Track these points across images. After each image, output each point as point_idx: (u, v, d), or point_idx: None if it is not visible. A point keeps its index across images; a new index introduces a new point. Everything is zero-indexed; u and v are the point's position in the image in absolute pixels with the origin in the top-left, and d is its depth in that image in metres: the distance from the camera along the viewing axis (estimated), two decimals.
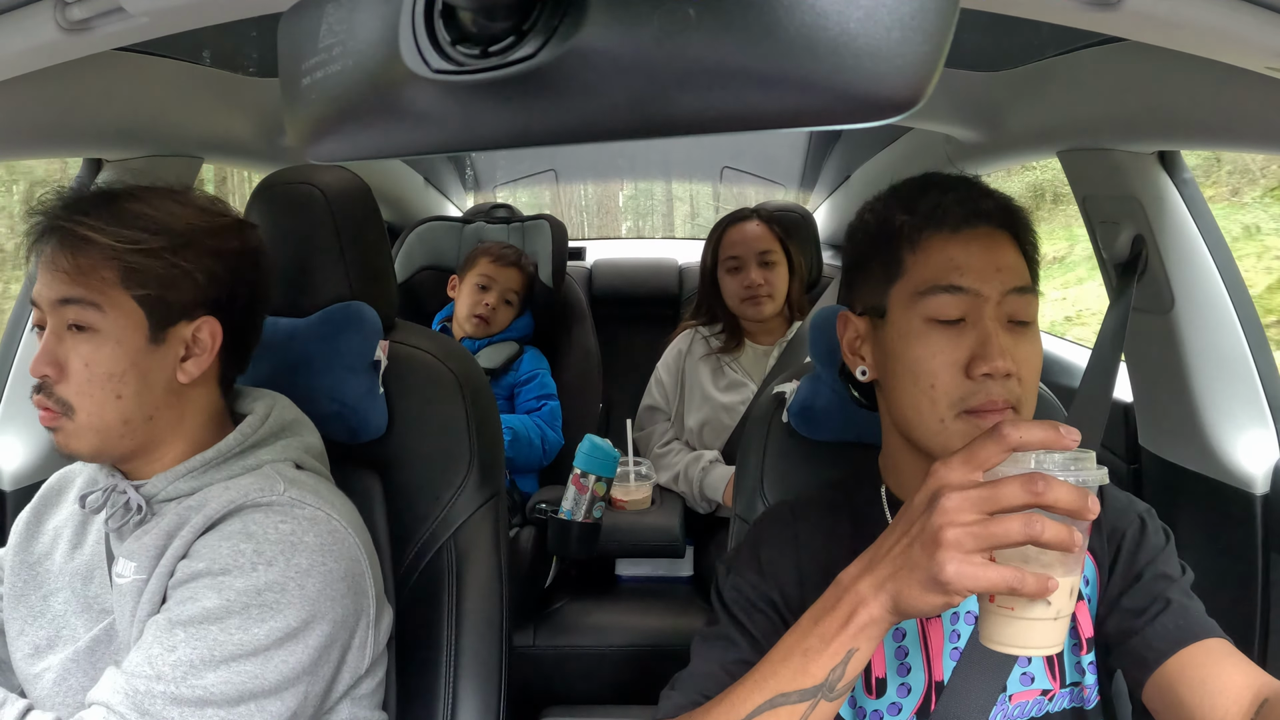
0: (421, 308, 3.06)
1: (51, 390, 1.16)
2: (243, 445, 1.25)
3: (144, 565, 1.16)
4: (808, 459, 1.51)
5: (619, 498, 2.59)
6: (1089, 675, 1.15)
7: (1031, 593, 0.82)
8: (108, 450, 1.20)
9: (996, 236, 1.12)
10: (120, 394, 1.18)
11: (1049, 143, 1.90)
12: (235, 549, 1.13)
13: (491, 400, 1.60)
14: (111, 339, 1.17)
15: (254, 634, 1.10)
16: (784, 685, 0.95)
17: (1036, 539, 0.81)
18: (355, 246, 1.51)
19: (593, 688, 2.38)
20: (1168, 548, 1.18)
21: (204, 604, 1.10)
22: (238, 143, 2.10)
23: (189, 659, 1.07)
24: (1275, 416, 1.79)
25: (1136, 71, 1.43)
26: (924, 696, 1.13)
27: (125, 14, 0.88)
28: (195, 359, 1.24)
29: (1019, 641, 0.88)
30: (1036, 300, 1.14)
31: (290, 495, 1.21)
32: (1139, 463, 2.08)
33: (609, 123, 0.45)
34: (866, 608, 0.91)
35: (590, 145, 0.46)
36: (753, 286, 2.74)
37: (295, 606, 1.13)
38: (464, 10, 0.48)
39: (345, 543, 1.22)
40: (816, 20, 0.40)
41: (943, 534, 0.84)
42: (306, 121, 0.58)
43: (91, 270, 1.16)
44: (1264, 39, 0.80)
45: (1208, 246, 1.75)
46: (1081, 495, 0.82)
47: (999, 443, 0.86)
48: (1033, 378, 1.10)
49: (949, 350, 1.08)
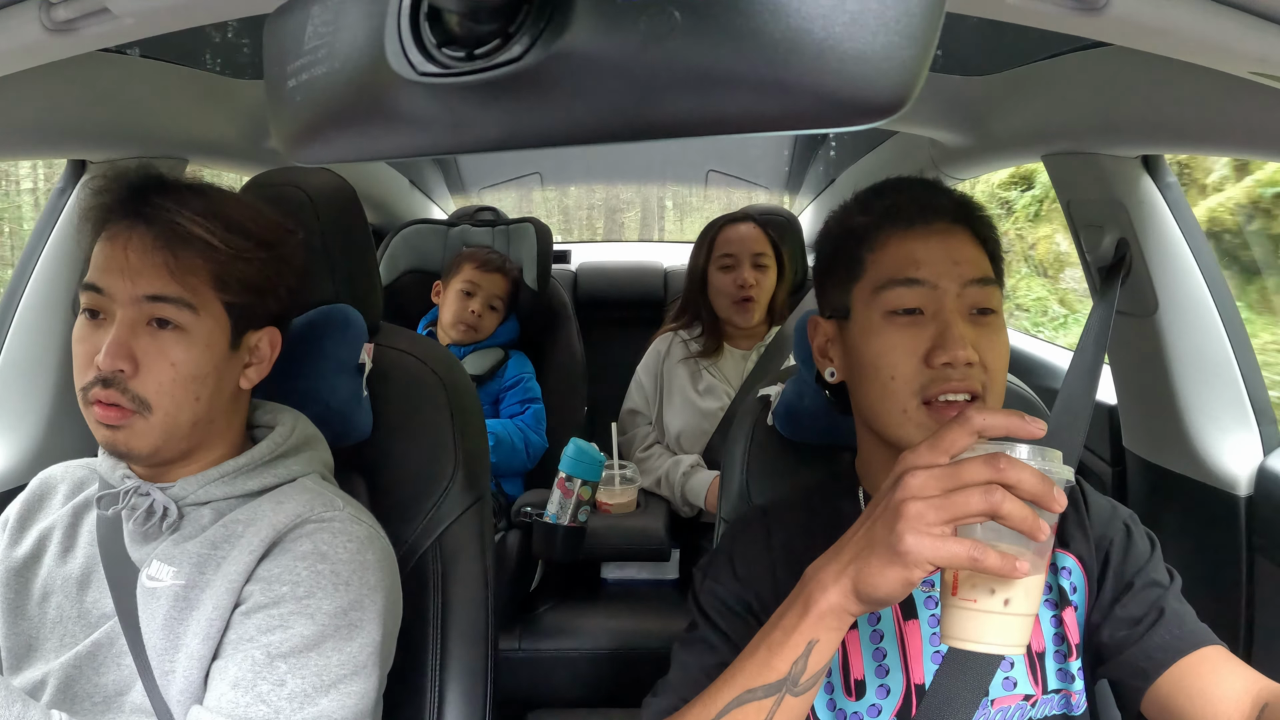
0: (406, 311, 3.05)
1: (125, 386, 1.13)
2: (272, 455, 1.26)
3: (184, 571, 1.16)
4: (793, 461, 1.51)
5: (604, 501, 2.59)
6: (1078, 681, 1.15)
7: (994, 567, 0.81)
8: (164, 451, 1.19)
9: (953, 231, 1.14)
10: (199, 396, 1.18)
11: (1034, 147, 1.91)
12: (313, 570, 1.14)
13: (476, 404, 1.60)
14: (201, 341, 1.17)
15: (348, 653, 1.13)
16: (749, 681, 0.96)
17: (996, 509, 0.82)
18: (340, 249, 1.50)
19: (578, 691, 2.39)
20: (1155, 554, 1.19)
21: (298, 631, 1.11)
22: (223, 144, 2.09)
23: (302, 690, 1.09)
24: (1258, 418, 1.80)
25: (1121, 76, 1.44)
26: (903, 699, 1.13)
27: (110, 15, 0.88)
28: (256, 367, 1.26)
29: (979, 636, 0.87)
30: (999, 291, 1.16)
31: (349, 511, 1.23)
32: (1123, 465, 2.09)
33: (595, 125, 0.45)
34: (826, 595, 0.91)
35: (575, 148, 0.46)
36: (745, 286, 2.75)
37: (373, 622, 1.17)
38: (450, 12, 0.48)
39: (391, 556, 1.26)
40: (802, 24, 0.40)
41: (904, 507, 0.85)
42: (292, 123, 0.57)
43: (192, 269, 1.15)
44: (1248, 44, 0.80)
45: (1191, 250, 1.76)
46: (1046, 482, 0.83)
47: (964, 426, 0.87)
48: (998, 366, 1.12)
49: (909, 342, 1.11)
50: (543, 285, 3.08)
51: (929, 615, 1.16)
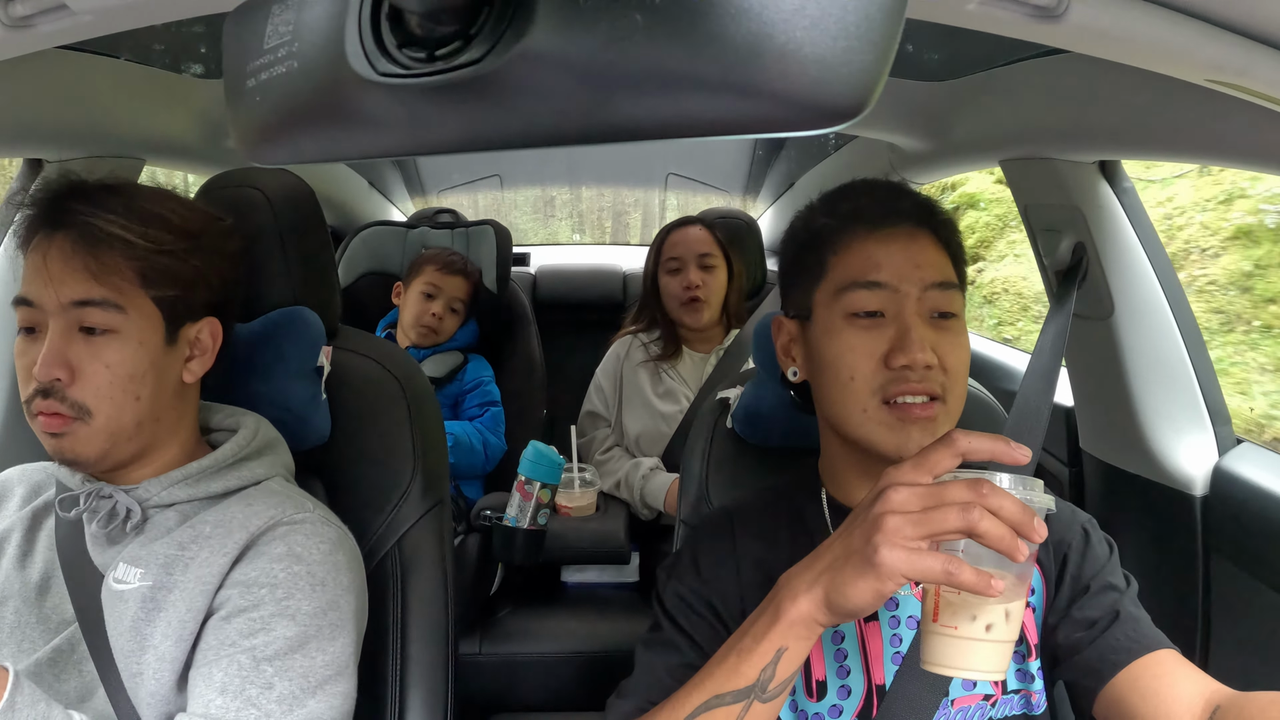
0: (364, 314, 3.02)
1: (64, 394, 1.12)
2: (236, 457, 1.25)
3: (152, 572, 1.15)
4: (753, 464, 1.52)
5: (564, 504, 2.59)
6: (1037, 681, 1.16)
7: (968, 582, 0.81)
8: (113, 455, 1.17)
9: (915, 234, 1.15)
10: (139, 395, 1.17)
11: (992, 152, 1.93)
12: (289, 571, 1.14)
13: (436, 408, 1.59)
14: (134, 340, 1.16)
15: (331, 654, 1.13)
16: (718, 686, 0.96)
17: (974, 527, 0.82)
18: (299, 251, 1.49)
19: (540, 695, 2.38)
20: (1112, 558, 1.20)
21: (280, 633, 1.11)
22: (181, 144, 2.07)
23: (290, 691, 1.09)
24: (1213, 419, 1.82)
25: (1079, 83, 1.46)
26: (864, 700, 1.14)
27: (69, 11, 0.87)
28: (199, 359, 1.25)
29: (960, 663, 0.87)
30: (960, 295, 1.17)
31: (319, 513, 1.23)
32: (1080, 466, 2.11)
33: (555, 128, 0.45)
34: (796, 603, 0.91)
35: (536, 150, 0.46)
36: (691, 287, 2.77)
37: (350, 622, 1.18)
38: (411, 13, 0.48)
39: (359, 558, 1.27)
40: (763, 28, 0.40)
41: (883, 520, 0.85)
42: (251, 124, 0.57)
43: (114, 270, 1.14)
44: (1204, 51, 0.82)
45: (1147, 254, 1.78)
46: (1027, 511, 0.83)
47: (949, 447, 0.87)
48: (959, 368, 1.13)
49: (869, 344, 1.12)
50: (502, 288, 3.07)
51: (889, 617, 1.17)
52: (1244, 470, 1.71)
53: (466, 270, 2.89)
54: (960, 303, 1.16)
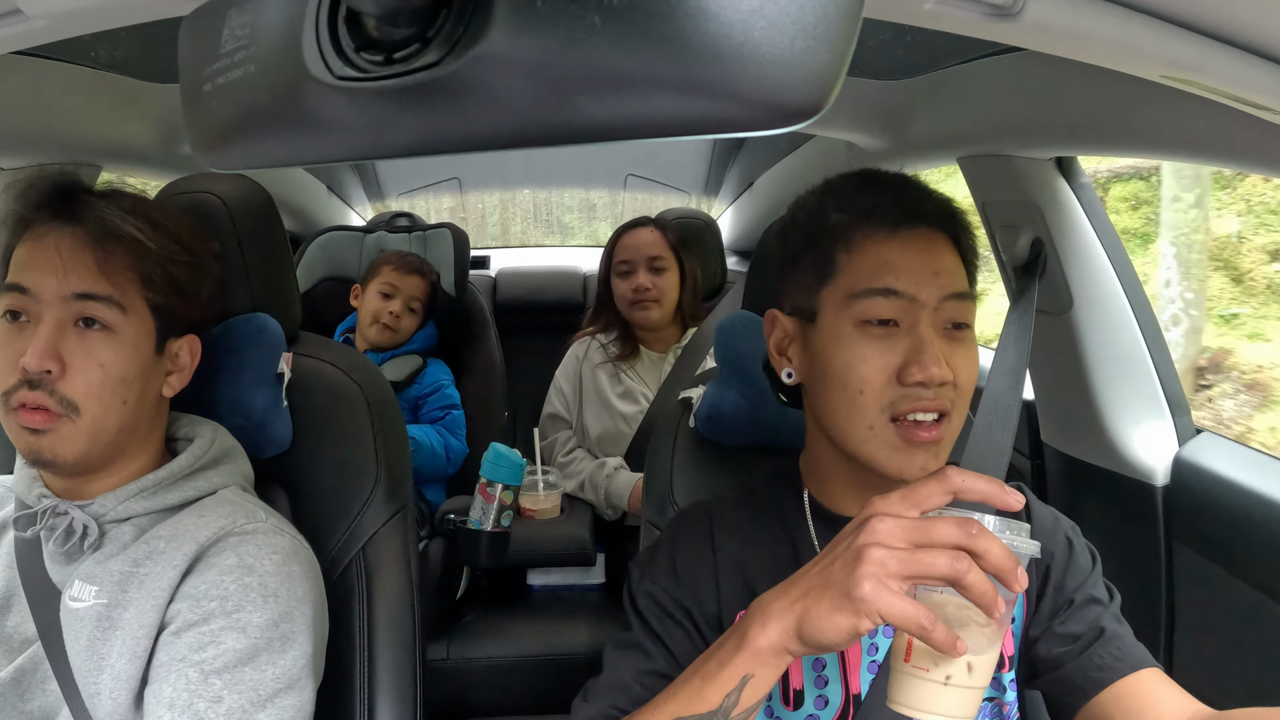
0: (323, 319, 3.01)
1: (53, 388, 1.10)
2: (192, 467, 1.24)
3: (106, 590, 1.13)
4: (716, 464, 1.52)
5: (528, 507, 2.59)
6: (1010, 692, 1.16)
7: (939, 643, 0.80)
8: (89, 459, 1.16)
9: (935, 239, 1.09)
10: (126, 400, 1.15)
11: (949, 149, 1.94)
12: (240, 583, 1.12)
13: (397, 413, 1.59)
14: (129, 343, 1.15)
15: (282, 666, 1.11)
16: (681, 709, 0.94)
17: (960, 578, 0.80)
18: (257, 257, 1.48)
19: (508, 699, 2.38)
20: (1095, 570, 1.18)
21: (230, 645, 1.09)
22: (137, 150, 2.04)
23: (239, 705, 1.07)
24: (1173, 410, 1.84)
25: (1035, 80, 1.47)
26: (841, 709, 1.13)
27: (23, 16, 0.85)
28: (178, 375, 1.25)
29: (929, 707, 0.85)
30: (974, 306, 1.11)
31: (272, 522, 1.22)
32: (1041, 459, 2.13)
33: (514, 130, 0.45)
34: (766, 631, 0.88)
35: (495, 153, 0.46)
36: (640, 290, 2.80)
37: (303, 634, 1.16)
38: (368, 16, 0.47)
39: (316, 567, 1.25)
40: (720, 29, 0.40)
41: (866, 551, 0.83)
42: (208, 129, 0.56)
43: (121, 268, 1.13)
44: (1159, 48, 0.82)
45: (1104, 248, 1.80)
46: (1013, 558, 0.82)
47: (942, 483, 0.86)
48: (968, 384, 1.08)
49: (881, 356, 1.05)
50: (460, 290, 3.08)
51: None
52: (1204, 459, 1.73)
53: (423, 270, 2.89)
54: (974, 313, 1.10)
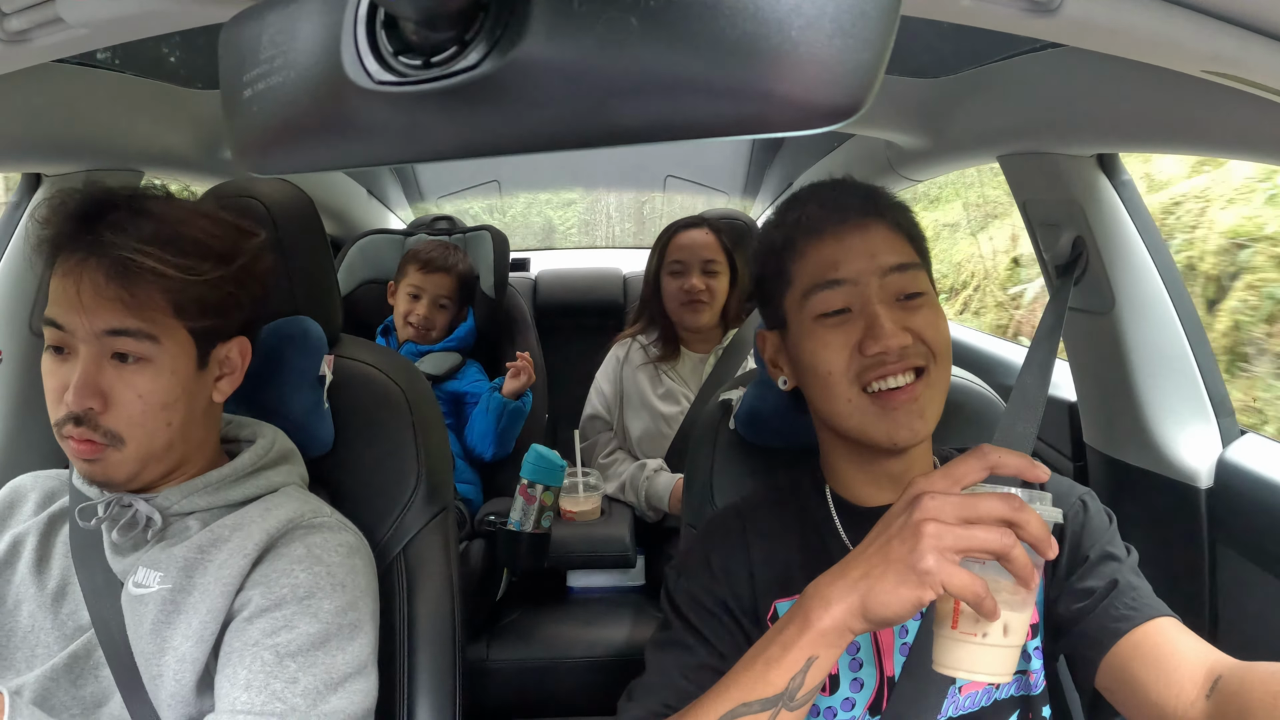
0: (364, 321, 3.02)
1: (97, 422, 1.12)
2: (254, 466, 1.27)
3: (171, 575, 1.16)
4: (756, 465, 1.51)
5: (568, 509, 2.59)
6: (1035, 660, 1.18)
7: (988, 612, 0.85)
8: (144, 475, 1.19)
9: (867, 225, 1.17)
10: (170, 421, 1.17)
11: (989, 147, 1.92)
12: (311, 572, 1.16)
13: (438, 415, 1.59)
14: (166, 369, 1.16)
15: (351, 653, 1.15)
16: (745, 694, 0.95)
17: (1008, 551, 0.85)
18: (299, 261, 1.49)
19: (548, 700, 2.38)
20: (1111, 528, 1.21)
21: (304, 630, 1.12)
22: (178, 156, 2.07)
23: (314, 686, 1.10)
24: (1216, 411, 1.82)
25: (1075, 76, 1.46)
26: (876, 692, 1.15)
27: (65, 25, 0.87)
28: (229, 378, 1.26)
29: (975, 667, 0.90)
30: (924, 274, 1.18)
31: (336, 518, 1.26)
32: (1084, 460, 2.11)
33: (552, 133, 0.45)
34: (830, 612, 0.91)
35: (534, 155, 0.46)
36: (693, 291, 2.77)
37: (369, 624, 1.20)
38: (406, 20, 0.47)
39: (373, 564, 1.29)
40: (758, 29, 0.40)
41: (924, 527, 0.87)
42: (248, 134, 0.57)
43: (148, 302, 1.13)
44: (1200, 42, 0.81)
45: (1147, 247, 1.78)
46: (1046, 529, 0.87)
47: (980, 460, 0.91)
48: (939, 340, 1.15)
49: (840, 339, 1.14)
50: (500, 293, 3.07)
51: None
52: (1248, 461, 1.71)
53: (448, 265, 2.87)
54: (926, 281, 1.18)
